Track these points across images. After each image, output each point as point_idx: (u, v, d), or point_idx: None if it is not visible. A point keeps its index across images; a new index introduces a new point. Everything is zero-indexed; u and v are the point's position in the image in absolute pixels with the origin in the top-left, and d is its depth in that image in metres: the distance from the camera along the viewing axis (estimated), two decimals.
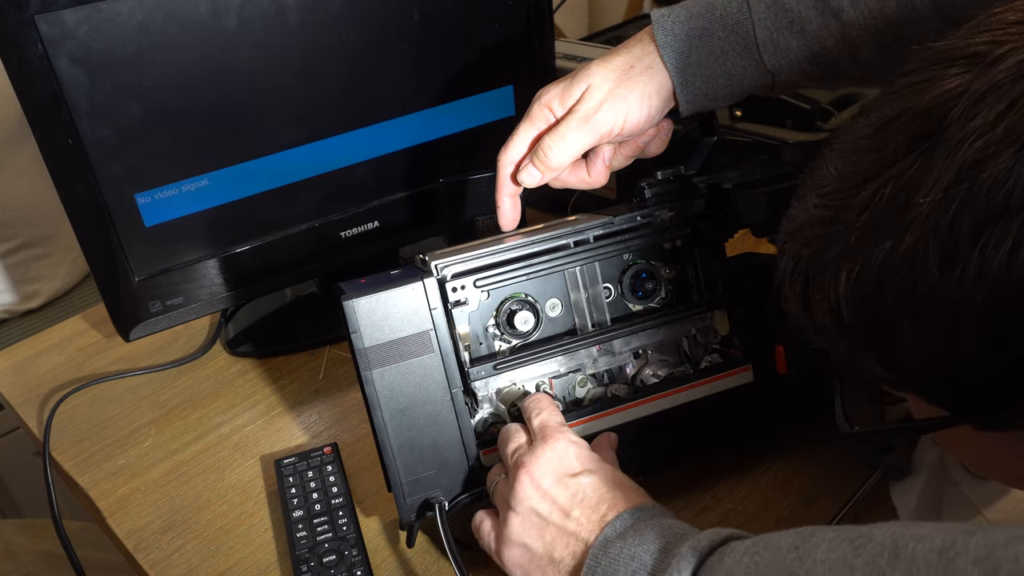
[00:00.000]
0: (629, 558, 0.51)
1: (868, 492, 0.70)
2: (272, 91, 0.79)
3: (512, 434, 0.63)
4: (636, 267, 0.68)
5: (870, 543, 0.39)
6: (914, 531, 0.38)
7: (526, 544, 0.57)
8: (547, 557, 0.56)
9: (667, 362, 0.69)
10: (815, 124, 0.99)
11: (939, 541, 0.36)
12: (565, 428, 0.61)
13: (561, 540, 0.56)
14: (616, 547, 0.52)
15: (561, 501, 0.57)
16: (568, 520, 0.56)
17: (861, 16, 0.61)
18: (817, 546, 0.42)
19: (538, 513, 0.57)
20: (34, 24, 0.68)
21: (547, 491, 0.57)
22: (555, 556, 0.56)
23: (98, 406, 0.89)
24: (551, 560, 0.56)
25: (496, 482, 0.62)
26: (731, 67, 0.64)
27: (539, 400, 0.64)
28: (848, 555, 0.40)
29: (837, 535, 0.41)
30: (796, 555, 0.42)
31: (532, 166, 0.66)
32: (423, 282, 0.62)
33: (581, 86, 0.64)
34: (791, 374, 0.68)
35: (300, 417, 0.85)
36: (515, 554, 0.58)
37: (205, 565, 0.70)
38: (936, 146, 0.40)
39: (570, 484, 0.57)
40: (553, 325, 0.67)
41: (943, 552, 0.35)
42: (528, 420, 0.63)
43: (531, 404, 0.64)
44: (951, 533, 0.36)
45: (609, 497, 0.56)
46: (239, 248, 0.86)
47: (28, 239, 1.36)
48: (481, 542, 0.62)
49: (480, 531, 0.62)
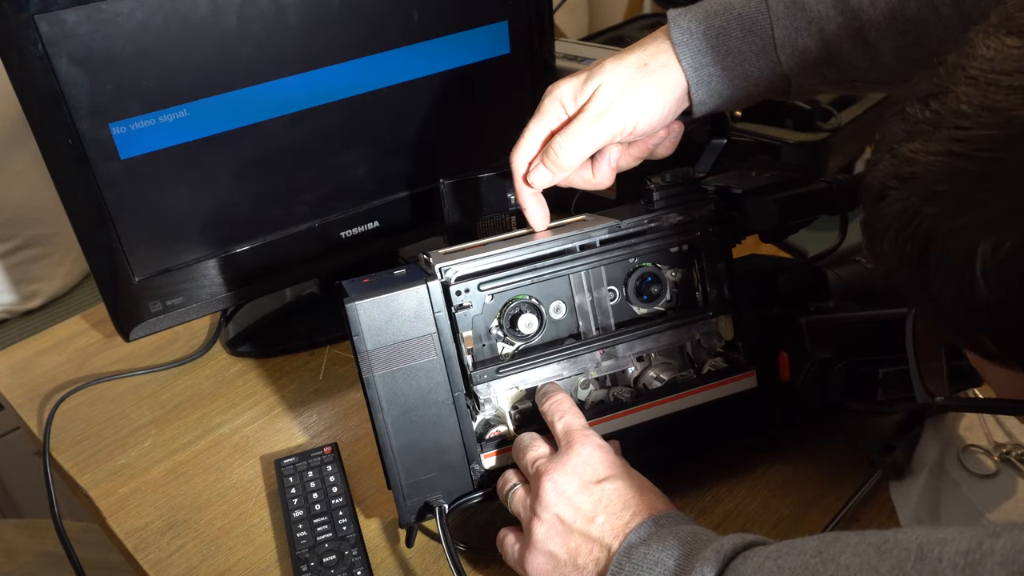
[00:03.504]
0: (653, 563, 0.51)
1: (868, 492, 0.69)
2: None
3: (530, 442, 0.62)
4: (641, 270, 0.67)
5: (896, 548, 0.39)
6: (940, 535, 0.37)
7: (550, 551, 0.57)
8: (571, 563, 0.56)
9: (670, 365, 0.69)
10: (815, 124, 1.00)
11: (965, 543, 0.36)
12: (590, 431, 0.61)
13: (585, 547, 0.56)
14: (640, 553, 0.52)
15: (585, 508, 0.56)
16: (592, 526, 0.56)
17: (881, 16, 0.60)
18: (842, 551, 0.42)
19: (562, 520, 0.57)
20: (34, 24, 0.68)
21: (572, 498, 0.57)
22: (579, 563, 0.55)
23: (98, 406, 0.89)
24: (575, 566, 0.56)
25: (512, 491, 0.62)
26: (748, 68, 0.63)
27: (560, 402, 0.63)
28: (873, 559, 0.39)
29: (861, 540, 0.41)
30: (820, 560, 0.42)
31: (543, 166, 0.65)
32: (427, 285, 0.62)
33: (594, 84, 0.63)
34: (794, 381, 0.68)
35: (300, 417, 0.85)
36: (539, 562, 0.57)
37: (205, 565, 0.70)
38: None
39: (594, 490, 0.57)
40: (556, 327, 0.66)
41: (969, 554, 0.35)
42: (551, 424, 0.62)
43: (553, 406, 0.63)
44: (977, 535, 0.36)
45: (634, 503, 0.56)
46: (239, 248, 0.86)
47: (28, 239, 1.36)
48: (505, 557, 0.62)
49: (504, 545, 0.62)
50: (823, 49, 0.62)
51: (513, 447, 0.64)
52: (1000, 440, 0.73)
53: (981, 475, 0.70)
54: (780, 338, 0.68)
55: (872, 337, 0.69)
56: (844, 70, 0.63)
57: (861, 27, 0.61)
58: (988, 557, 0.35)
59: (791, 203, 0.69)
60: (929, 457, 0.72)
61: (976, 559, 0.35)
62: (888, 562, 0.38)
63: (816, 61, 0.63)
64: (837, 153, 1.00)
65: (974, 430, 0.74)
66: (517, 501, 0.61)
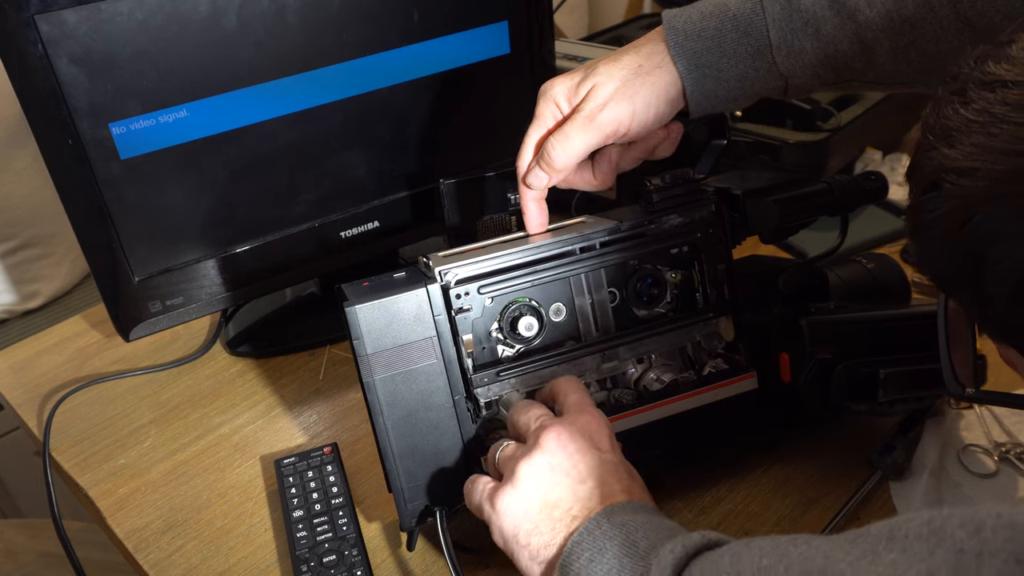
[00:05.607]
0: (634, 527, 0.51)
1: (868, 492, 0.70)
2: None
3: (532, 404, 0.60)
4: (642, 272, 0.67)
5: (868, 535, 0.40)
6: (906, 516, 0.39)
7: (529, 493, 0.55)
8: (546, 511, 0.54)
9: (671, 367, 0.68)
10: (815, 124, 1.00)
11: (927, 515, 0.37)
12: (600, 411, 0.60)
13: (567, 501, 0.54)
14: (622, 518, 0.52)
15: (580, 467, 0.55)
16: (581, 486, 0.54)
17: (878, 16, 0.60)
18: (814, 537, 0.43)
19: (554, 468, 0.55)
20: (34, 24, 0.68)
21: (572, 453, 0.55)
22: (555, 514, 0.54)
23: (98, 406, 0.89)
24: (549, 516, 0.54)
25: (503, 447, 0.59)
26: (743, 69, 0.63)
27: (573, 382, 0.62)
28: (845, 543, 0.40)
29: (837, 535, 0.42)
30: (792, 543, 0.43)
31: (538, 167, 0.65)
32: (427, 289, 0.61)
33: (588, 84, 0.63)
34: (795, 382, 0.68)
35: (300, 417, 0.85)
36: (514, 501, 0.55)
37: (205, 565, 0.70)
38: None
39: (595, 455, 0.56)
40: (557, 329, 0.66)
41: (931, 522, 0.36)
42: (563, 396, 0.60)
43: (567, 385, 0.61)
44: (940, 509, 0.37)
45: (626, 483, 0.55)
46: (239, 248, 0.86)
47: (28, 239, 1.36)
48: (470, 499, 0.59)
49: (473, 485, 0.59)
50: (819, 50, 0.62)
51: (512, 410, 0.61)
52: (1000, 439, 0.73)
53: (981, 475, 0.70)
54: (781, 339, 0.68)
55: (873, 338, 0.69)
56: (840, 71, 0.63)
57: (857, 28, 0.61)
58: (948, 520, 0.36)
59: (791, 204, 0.69)
60: (929, 457, 0.72)
61: (937, 525, 0.36)
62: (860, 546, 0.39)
63: (812, 62, 0.63)
64: (837, 153, 1.00)
65: (974, 430, 0.74)
66: (506, 454, 0.58)
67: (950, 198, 0.38)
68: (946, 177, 0.38)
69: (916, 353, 0.66)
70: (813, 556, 0.41)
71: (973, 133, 0.37)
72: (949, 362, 0.49)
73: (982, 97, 0.37)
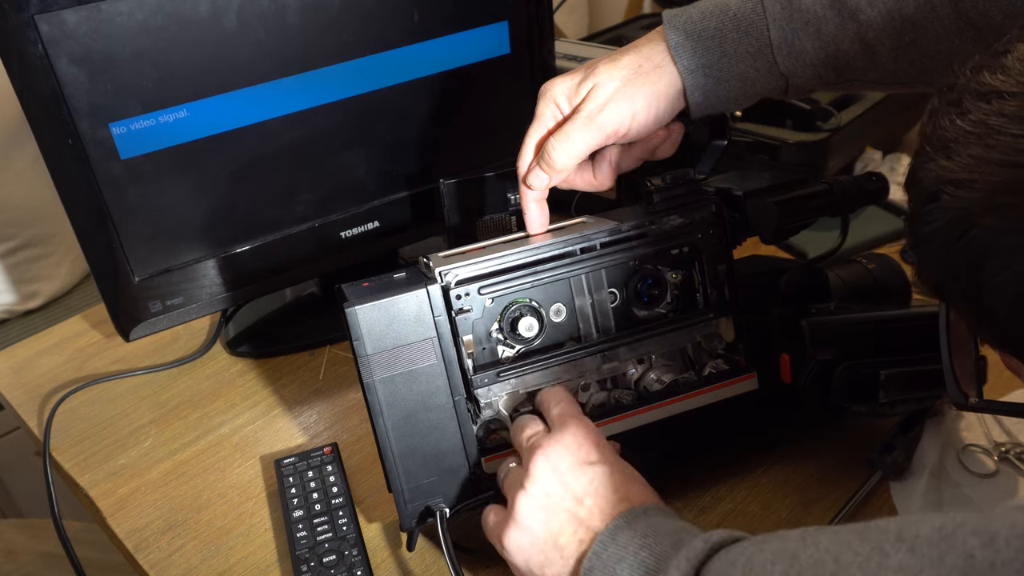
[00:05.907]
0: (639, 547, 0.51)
1: (868, 492, 0.70)
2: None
3: (528, 422, 0.62)
4: (642, 272, 0.67)
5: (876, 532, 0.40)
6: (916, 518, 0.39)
7: (532, 527, 0.56)
8: (552, 541, 0.55)
9: (671, 367, 0.68)
10: (815, 124, 1.00)
11: (938, 521, 0.37)
12: (585, 418, 0.61)
13: (569, 526, 0.55)
14: (626, 536, 0.52)
15: (575, 488, 0.56)
16: (580, 507, 0.55)
17: (879, 16, 0.60)
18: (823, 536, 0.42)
19: (550, 496, 0.56)
20: (34, 24, 0.68)
21: (563, 475, 0.56)
22: (560, 542, 0.55)
23: (98, 406, 0.89)
24: (555, 545, 0.55)
25: (508, 470, 0.61)
26: (744, 69, 0.63)
27: (557, 391, 0.63)
28: (854, 542, 0.40)
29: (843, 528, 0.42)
30: (801, 544, 0.43)
31: (538, 168, 0.65)
32: (427, 289, 0.61)
33: (588, 84, 0.63)
34: (795, 383, 0.68)
35: (300, 417, 0.85)
36: (518, 537, 0.57)
37: (205, 565, 0.70)
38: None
39: (586, 471, 0.57)
40: (557, 329, 0.66)
41: (942, 528, 0.36)
42: (546, 411, 0.62)
43: (550, 395, 0.63)
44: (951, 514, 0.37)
45: (623, 490, 0.56)
46: (239, 248, 0.86)
47: (28, 239, 1.36)
48: (488, 533, 0.61)
49: (486, 522, 0.61)
50: (820, 50, 0.62)
51: (512, 427, 0.63)
52: (1000, 439, 0.73)
53: (981, 475, 0.70)
54: (781, 340, 0.68)
55: (873, 339, 0.69)
56: (842, 70, 0.63)
57: (858, 28, 0.61)
58: (960, 528, 0.36)
59: (791, 205, 0.69)
60: (929, 457, 0.72)
61: (949, 531, 0.36)
62: (868, 544, 0.39)
63: (813, 62, 0.63)
64: (837, 153, 1.00)
65: (973, 430, 0.74)
66: (510, 479, 0.60)
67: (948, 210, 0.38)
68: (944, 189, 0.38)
69: (917, 354, 0.66)
70: (823, 559, 0.41)
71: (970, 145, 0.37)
72: (952, 371, 0.49)
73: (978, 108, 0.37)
